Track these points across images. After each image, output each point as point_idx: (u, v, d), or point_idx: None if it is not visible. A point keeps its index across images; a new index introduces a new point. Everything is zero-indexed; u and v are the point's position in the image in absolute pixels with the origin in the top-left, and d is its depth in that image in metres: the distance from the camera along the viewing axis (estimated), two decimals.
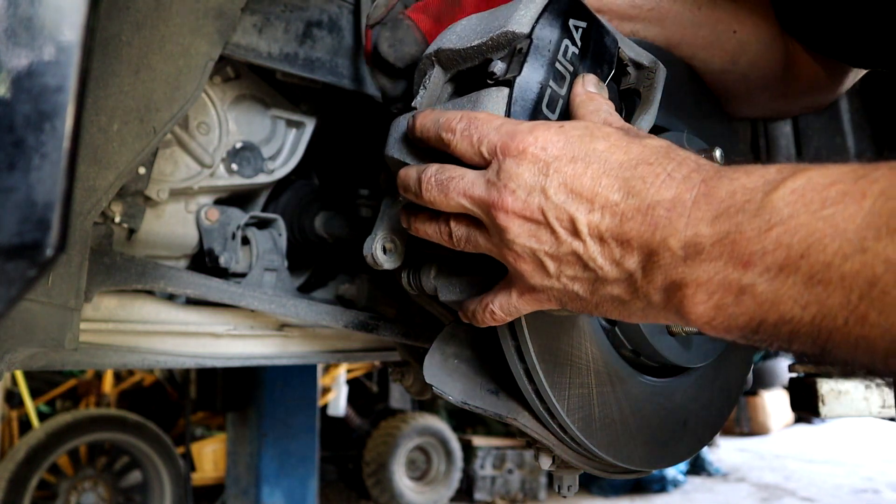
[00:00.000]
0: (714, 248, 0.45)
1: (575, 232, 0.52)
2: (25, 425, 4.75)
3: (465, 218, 0.61)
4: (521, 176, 0.54)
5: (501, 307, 0.63)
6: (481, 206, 0.57)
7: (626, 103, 0.79)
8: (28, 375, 4.74)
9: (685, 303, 0.47)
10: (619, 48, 0.72)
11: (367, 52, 0.90)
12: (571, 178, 0.52)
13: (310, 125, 1.38)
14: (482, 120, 0.59)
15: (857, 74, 0.96)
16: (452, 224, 0.62)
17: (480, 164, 0.58)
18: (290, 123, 1.36)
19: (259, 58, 1.13)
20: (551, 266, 0.54)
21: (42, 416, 4.80)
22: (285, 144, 1.36)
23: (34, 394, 4.92)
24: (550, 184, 0.53)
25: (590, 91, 0.64)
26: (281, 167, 1.35)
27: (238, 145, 1.27)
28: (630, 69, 0.76)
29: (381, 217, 0.81)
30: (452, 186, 0.58)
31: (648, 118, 0.74)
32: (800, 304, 0.41)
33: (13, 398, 4.82)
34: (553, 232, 0.53)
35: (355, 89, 1.26)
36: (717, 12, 0.87)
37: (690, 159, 0.51)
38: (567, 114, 0.65)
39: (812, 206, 0.41)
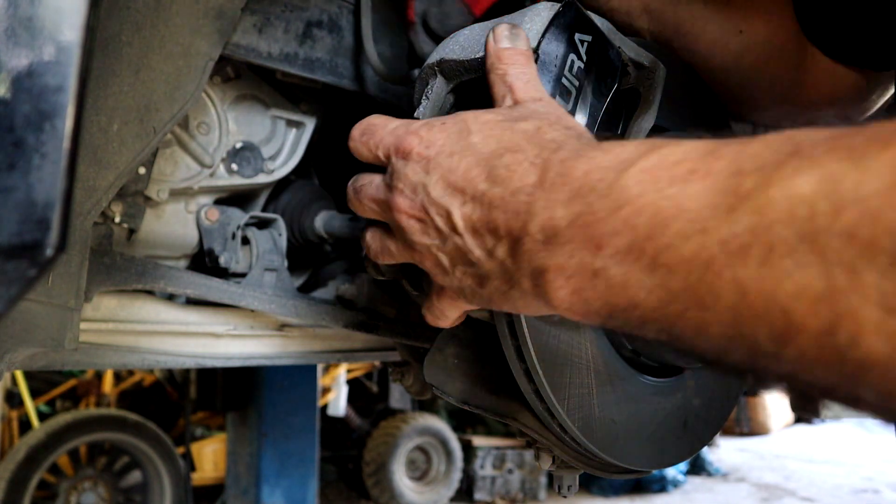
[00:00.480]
0: (568, 230, 0.43)
1: (453, 226, 0.52)
2: (25, 425, 4.75)
3: (379, 226, 0.61)
4: (408, 175, 0.55)
5: (430, 310, 0.63)
6: (383, 208, 0.58)
7: (627, 103, 0.79)
8: (28, 375, 4.74)
9: (547, 288, 0.45)
10: (622, 55, 0.72)
11: (410, 21, 0.88)
12: (448, 172, 0.52)
13: (310, 125, 1.38)
14: (377, 125, 0.60)
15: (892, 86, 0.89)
16: (368, 234, 0.63)
17: (385, 169, 0.59)
18: (290, 123, 1.36)
19: (259, 58, 1.13)
20: (446, 262, 0.54)
21: (42, 416, 4.80)
22: (285, 144, 1.36)
23: (34, 394, 4.92)
24: (430, 180, 0.53)
25: (500, 51, 0.62)
26: (281, 167, 1.35)
27: (238, 145, 1.28)
28: (630, 69, 0.76)
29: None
30: (363, 193, 0.60)
31: (648, 118, 0.74)
32: (646, 288, 0.39)
33: (13, 398, 4.82)
34: (437, 228, 0.53)
35: (356, 89, 1.26)
36: (726, 9, 0.84)
37: (556, 141, 0.50)
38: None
39: (659, 185, 0.39)
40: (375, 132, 0.59)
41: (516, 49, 0.62)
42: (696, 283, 0.36)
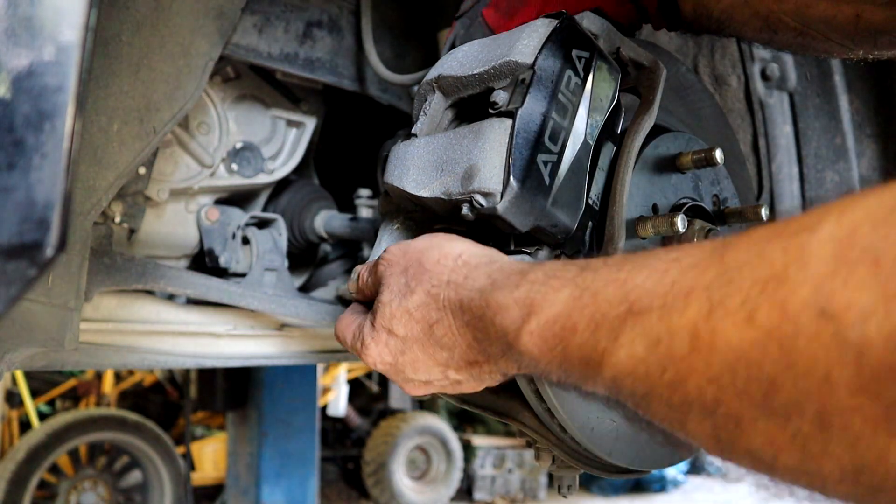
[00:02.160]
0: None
1: (454, 380, 0.66)
2: (25, 425, 4.75)
3: None
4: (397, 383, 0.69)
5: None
6: None
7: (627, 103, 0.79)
8: (28, 375, 4.74)
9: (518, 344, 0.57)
10: (623, 53, 0.72)
11: (446, 43, 0.90)
12: (414, 367, 0.65)
13: (310, 125, 1.38)
14: (340, 331, 0.71)
15: None
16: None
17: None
18: (290, 123, 1.36)
19: (259, 58, 1.13)
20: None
21: (42, 416, 4.80)
22: (285, 144, 1.36)
23: (34, 394, 4.92)
24: (409, 377, 0.67)
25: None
26: (281, 167, 1.35)
27: (238, 145, 1.28)
28: (630, 69, 0.76)
29: (379, 242, 0.81)
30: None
31: (648, 118, 0.74)
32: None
33: (13, 398, 4.82)
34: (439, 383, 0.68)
35: (356, 89, 1.26)
36: None
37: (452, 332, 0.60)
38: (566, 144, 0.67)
39: (542, 346, 0.50)
40: (345, 341, 0.70)
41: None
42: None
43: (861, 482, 0.32)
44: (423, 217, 0.79)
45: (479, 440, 6.32)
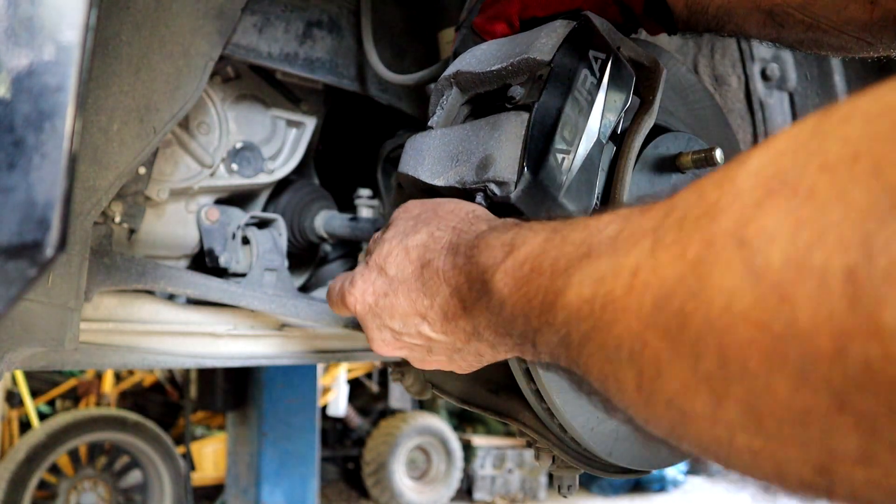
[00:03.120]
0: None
1: (428, 338, 0.66)
2: (25, 425, 4.75)
3: None
4: (371, 329, 0.69)
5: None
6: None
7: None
8: (28, 375, 4.74)
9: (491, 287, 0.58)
10: (634, 77, 0.72)
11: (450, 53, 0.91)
12: (392, 311, 0.65)
13: (310, 125, 1.38)
14: (331, 291, 0.72)
15: None
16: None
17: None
18: (290, 123, 1.36)
19: (259, 58, 1.13)
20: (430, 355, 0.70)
21: (42, 416, 4.80)
22: (285, 144, 1.36)
23: (34, 394, 4.92)
24: (388, 323, 0.66)
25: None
26: (281, 167, 1.35)
27: (238, 145, 1.27)
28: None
29: None
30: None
31: (649, 118, 0.74)
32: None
33: (13, 398, 4.82)
34: (418, 346, 0.66)
35: (356, 89, 1.26)
36: None
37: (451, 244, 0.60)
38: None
39: (512, 284, 0.51)
40: (330, 297, 0.71)
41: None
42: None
43: (764, 429, 0.30)
44: None
45: (479, 440, 6.32)
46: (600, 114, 0.68)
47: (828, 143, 0.28)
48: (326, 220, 1.41)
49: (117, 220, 1.10)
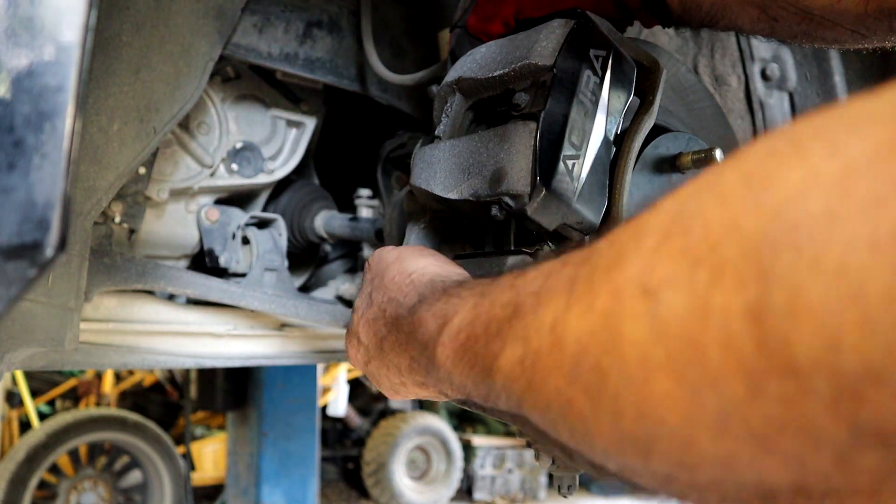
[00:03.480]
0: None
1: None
2: (25, 425, 4.74)
3: None
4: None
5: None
6: None
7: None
8: (28, 375, 4.74)
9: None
10: (635, 68, 0.72)
11: (448, 54, 0.91)
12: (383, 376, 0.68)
13: (310, 125, 1.38)
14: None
15: None
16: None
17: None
18: (290, 123, 1.36)
19: (259, 58, 1.13)
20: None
21: (42, 416, 4.80)
22: (285, 144, 1.36)
23: (34, 394, 4.92)
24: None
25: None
26: (281, 167, 1.35)
27: (238, 145, 1.27)
28: None
29: (407, 241, 0.84)
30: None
31: (648, 119, 0.74)
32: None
33: (13, 398, 4.82)
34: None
35: (356, 89, 1.26)
36: None
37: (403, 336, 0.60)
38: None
39: (450, 358, 0.51)
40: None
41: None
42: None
43: (679, 483, 0.29)
44: (452, 216, 0.81)
45: (479, 440, 6.31)
46: (605, 112, 0.68)
47: (723, 174, 0.28)
48: (326, 220, 1.41)
49: (117, 220, 1.10)
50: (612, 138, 0.69)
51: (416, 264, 0.64)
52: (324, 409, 5.53)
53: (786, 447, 0.25)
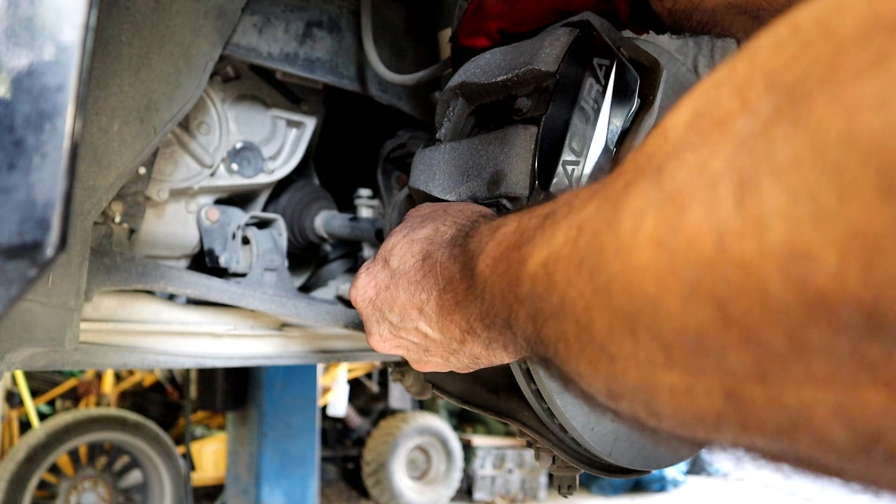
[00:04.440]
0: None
1: (424, 335, 0.66)
2: (25, 425, 4.75)
3: None
4: (371, 322, 0.69)
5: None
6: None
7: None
8: (28, 375, 4.74)
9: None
10: (637, 77, 0.72)
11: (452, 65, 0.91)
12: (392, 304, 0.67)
13: (310, 125, 1.38)
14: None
15: None
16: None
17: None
18: (290, 123, 1.36)
19: (259, 58, 1.13)
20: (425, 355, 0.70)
21: (42, 416, 4.80)
22: (285, 144, 1.36)
23: (34, 394, 4.92)
24: (387, 317, 0.67)
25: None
26: (281, 167, 1.35)
27: (238, 145, 1.27)
28: None
29: None
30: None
31: (649, 119, 0.74)
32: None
33: (13, 398, 4.82)
34: (415, 343, 0.67)
35: (356, 89, 1.26)
36: None
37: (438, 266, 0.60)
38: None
39: (493, 267, 0.51)
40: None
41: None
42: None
43: (674, 360, 0.29)
44: None
45: (479, 440, 6.31)
46: (607, 121, 0.69)
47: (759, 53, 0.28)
48: (326, 220, 1.41)
49: (117, 220, 1.10)
50: (613, 147, 0.69)
51: (481, 207, 0.66)
52: (324, 409, 5.53)
53: (742, 318, 0.25)
